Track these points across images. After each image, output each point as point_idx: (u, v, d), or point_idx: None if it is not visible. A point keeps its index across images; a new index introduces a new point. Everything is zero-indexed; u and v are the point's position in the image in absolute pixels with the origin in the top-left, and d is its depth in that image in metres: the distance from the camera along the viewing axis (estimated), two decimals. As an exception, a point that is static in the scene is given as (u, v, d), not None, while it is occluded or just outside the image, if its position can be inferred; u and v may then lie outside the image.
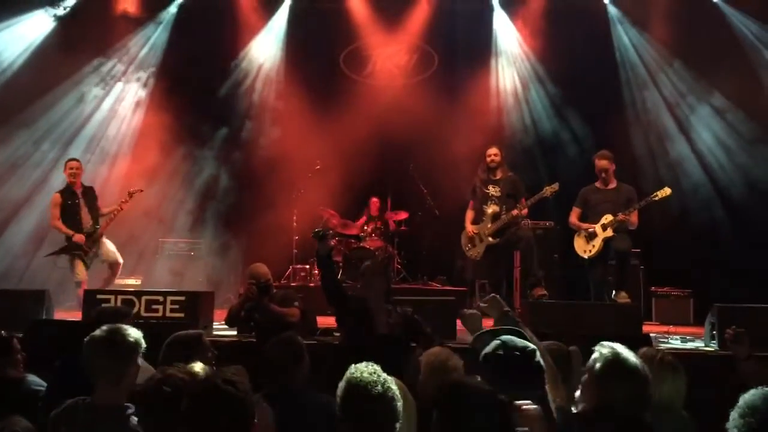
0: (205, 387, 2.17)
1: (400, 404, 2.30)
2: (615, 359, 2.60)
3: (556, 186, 6.97)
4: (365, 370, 2.33)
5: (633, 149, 9.47)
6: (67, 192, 7.67)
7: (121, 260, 7.79)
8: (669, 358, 3.13)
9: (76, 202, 7.62)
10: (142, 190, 8.06)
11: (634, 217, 6.72)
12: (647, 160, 9.49)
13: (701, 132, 9.50)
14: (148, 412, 2.51)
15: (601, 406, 2.51)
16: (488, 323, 3.50)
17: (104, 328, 2.92)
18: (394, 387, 2.33)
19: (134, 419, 2.74)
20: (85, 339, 2.89)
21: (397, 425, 2.28)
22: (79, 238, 7.49)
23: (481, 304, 3.51)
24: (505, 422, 2.13)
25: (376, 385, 2.28)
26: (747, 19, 9.39)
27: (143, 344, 3.02)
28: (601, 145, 7.80)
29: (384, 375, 2.33)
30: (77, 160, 7.93)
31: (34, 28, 9.87)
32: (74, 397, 2.91)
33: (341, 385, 2.33)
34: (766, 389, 2.00)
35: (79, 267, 7.54)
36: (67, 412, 2.79)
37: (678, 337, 6.76)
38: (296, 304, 5.59)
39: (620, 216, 6.65)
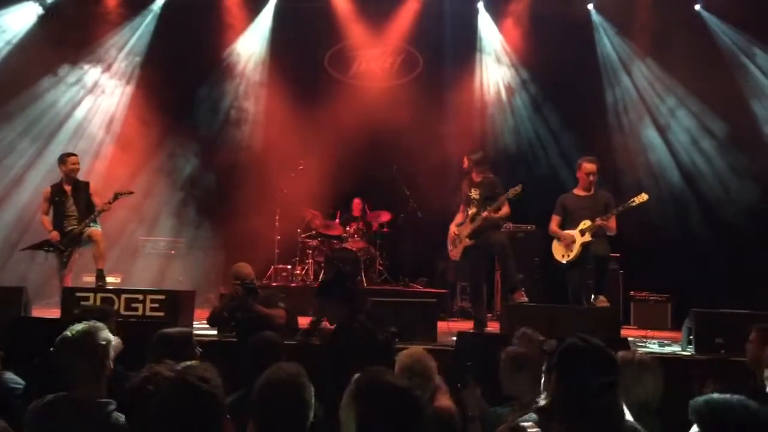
0: (175, 383, 2.17)
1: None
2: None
3: (518, 188, 6.98)
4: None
5: (613, 155, 9.53)
6: (57, 187, 7.61)
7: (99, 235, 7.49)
8: (646, 358, 3.18)
9: (65, 198, 7.54)
10: (132, 192, 7.85)
11: (612, 223, 6.78)
12: (627, 166, 9.56)
13: (681, 138, 9.61)
14: (134, 411, 2.50)
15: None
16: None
17: (77, 328, 2.90)
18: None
19: (116, 415, 2.73)
20: (57, 339, 2.88)
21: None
22: (53, 235, 7.41)
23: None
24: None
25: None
26: (728, 28, 9.51)
27: (113, 342, 3.03)
28: (582, 150, 7.87)
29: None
30: (76, 155, 7.80)
31: (19, 19, 9.78)
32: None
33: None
34: (711, 396, 2.04)
35: (61, 267, 7.46)
36: (47, 407, 2.76)
37: (656, 341, 6.85)
38: (281, 305, 5.55)
39: (598, 221, 6.71)
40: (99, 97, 10.18)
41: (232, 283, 5.64)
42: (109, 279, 8.51)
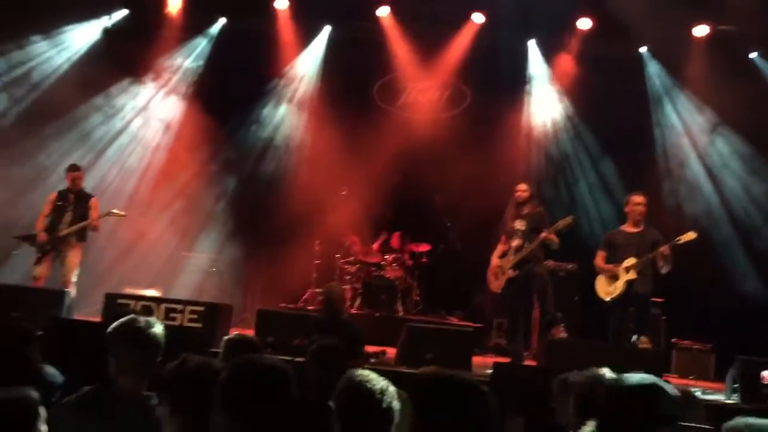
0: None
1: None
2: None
3: (569, 219, 6.93)
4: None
5: (659, 197, 9.38)
6: (63, 193, 7.93)
7: (71, 282, 7.65)
8: (690, 392, 3.09)
9: (67, 204, 7.83)
10: (124, 215, 8.11)
11: (665, 250, 6.57)
12: (675, 209, 9.40)
13: (730, 183, 9.43)
14: (175, 397, 2.48)
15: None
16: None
17: (133, 317, 2.91)
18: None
19: (159, 409, 2.71)
20: (112, 328, 2.88)
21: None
22: (41, 236, 7.66)
23: None
24: None
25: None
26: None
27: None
28: (628, 189, 7.76)
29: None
30: (79, 170, 8.11)
31: (81, 38, 10.12)
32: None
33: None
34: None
35: (34, 263, 7.68)
36: (86, 399, 2.74)
37: (698, 389, 6.62)
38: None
39: (662, 249, 6.50)
40: (152, 113, 10.44)
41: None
42: (148, 292, 8.67)
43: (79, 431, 2.66)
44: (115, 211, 7.94)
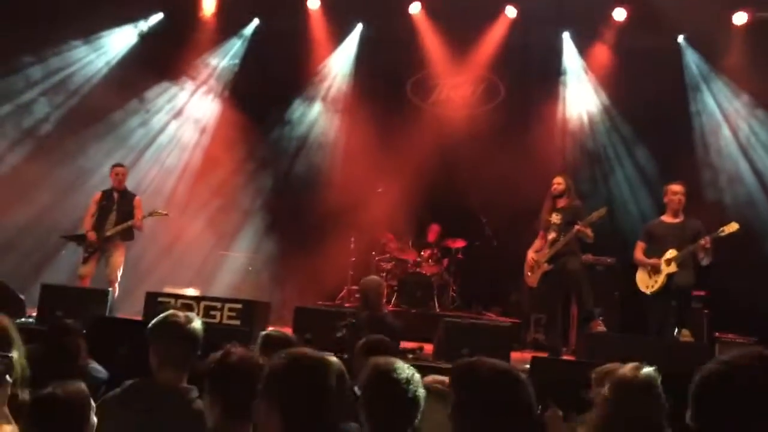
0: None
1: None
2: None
3: (603, 211, 6.85)
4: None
5: (700, 188, 9.21)
6: (107, 193, 8.10)
7: (116, 281, 7.87)
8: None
9: (112, 204, 7.99)
10: (167, 214, 8.26)
11: (705, 242, 6.42)
12: (716, 202, 9.21)
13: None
14: (218, 387, 2.52)
15: None
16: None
17: (174, 312, 2.96)
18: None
19: (199, 402, 2.75)
20: (153, 323, 2.93)
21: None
22: (90, 236, 7.84)
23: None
24: None
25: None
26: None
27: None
28: (666, 180, 7.58)
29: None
30: (123, 166, 8.33)
31: (118, 42, 10.33)
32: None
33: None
34: None
35: (81, 262, 7.87)
36: (129, 392, 2.81)
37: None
38: None
39: (703, 241, 6.39)
40: (189, 114, 10.61)
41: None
42: (187, 291, 8.79)
43: (122, 424, 2.71)
44: (158, 210, 8.12)
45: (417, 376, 2.36)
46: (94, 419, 2.45)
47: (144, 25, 10.44)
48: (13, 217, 8.91)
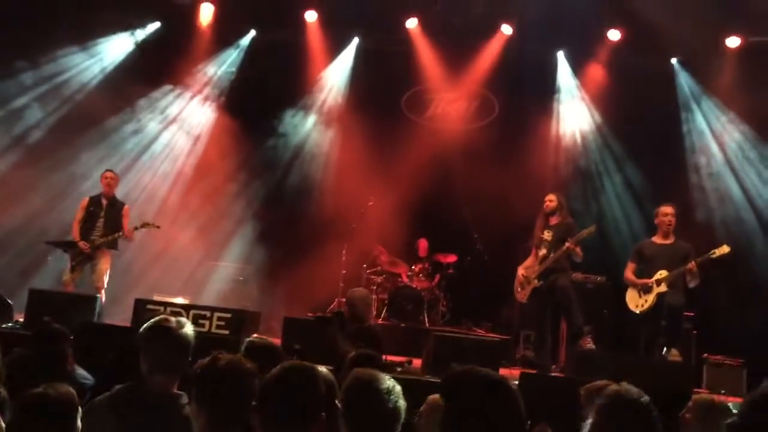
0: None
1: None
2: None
3: (592, 228, 6.90)
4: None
5: (691, 209, 9.26)
6: (95, 199, 8.01)
7: (102, 288, 7.75)
8: (724, 404, 3.04)
9: (99, 210, 7.91)
10: (158, 226, 8.12)
11: (692, 266, 6.51)
12: (707, 225, 9.26)
13: (764, 194, 9.28)
14: (204, 393, 2.50)
15: None
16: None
17: (165, 317, 2.94)
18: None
19: (189, 408, 2.73)
20: (144, 328, 2.91)
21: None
22: (83, 246, 7.72)
23: None
24: None
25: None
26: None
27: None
28: (658, 200, 7.65)
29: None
30: (112, 171, 8.26)
31: (114, 50, 10.32)
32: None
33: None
34: None
35: (67, 270, 7.76)
36: (118, 397, 2.78)
37: (730, 403, 6.48)
38: (361, 344, 5.51)
39: (690, 264, 6.44)
40: (183, 123, 10.60)
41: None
42: (177, 300, 8.74)
43: (111, 429, 2.69)
44: (150, 222, 7.98)
45: (398, 387, 2.36)
46: (79, 424, 2.43)
47: (141, 34, 10.44)
48: (1, 222, 8.86)
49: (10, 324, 6.42)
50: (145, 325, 2.91)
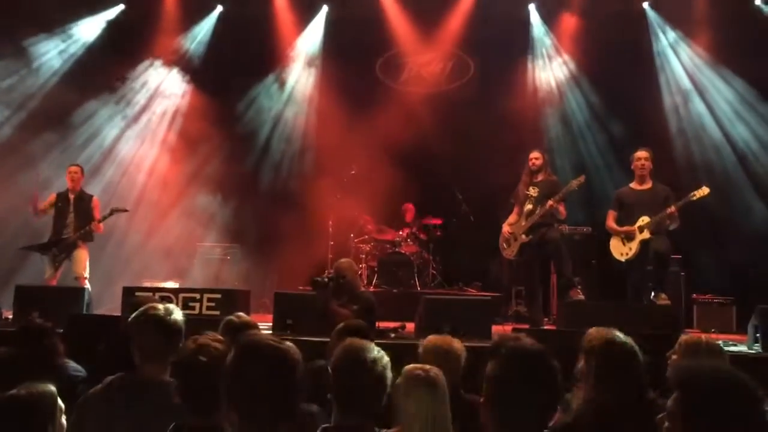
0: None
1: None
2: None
3: (582, 178, 6.90)
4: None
5: (673, 156, 9.30)
6: (62, 196, 7.88)
7: (83, 275, 7.69)
8: (714, 343, 3.09)
9: (67, 206, 7.81)
10: (126, 210, 8.08)
11: (672, 210, 6.54)
12: (687, 166, 9.30)
13: (745, 137, 9.31)
14: (187, 383, 2.50)
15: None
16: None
17: (156, 305, 2.93)
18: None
19: None
20: (132, 317, 2.89)
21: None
22: (53, 253, 7.65)
23: None
24: None
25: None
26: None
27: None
28: (637, 147, 7.66)
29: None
30: (78, 165, 8.09)
31: (87, 30, 10.09)
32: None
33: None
34: None
35: (48, 267, 7.68)
36: (112, 387, 2.77)
37: (720, 341, 6.57)
38: (355, 307, 5.53)
39: (670, 209, 6.47)
40: (156, 105, 10.44)
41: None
42: (167, 284, 8.71)
43: (106, 419, 2.69)
44: (118, 207, 7.87)
45: (386, 358, 2.41)
46: (63, 421, 2.41)
47: (106, 17, 10.21)
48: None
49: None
50: (132, 315, 2.89)
